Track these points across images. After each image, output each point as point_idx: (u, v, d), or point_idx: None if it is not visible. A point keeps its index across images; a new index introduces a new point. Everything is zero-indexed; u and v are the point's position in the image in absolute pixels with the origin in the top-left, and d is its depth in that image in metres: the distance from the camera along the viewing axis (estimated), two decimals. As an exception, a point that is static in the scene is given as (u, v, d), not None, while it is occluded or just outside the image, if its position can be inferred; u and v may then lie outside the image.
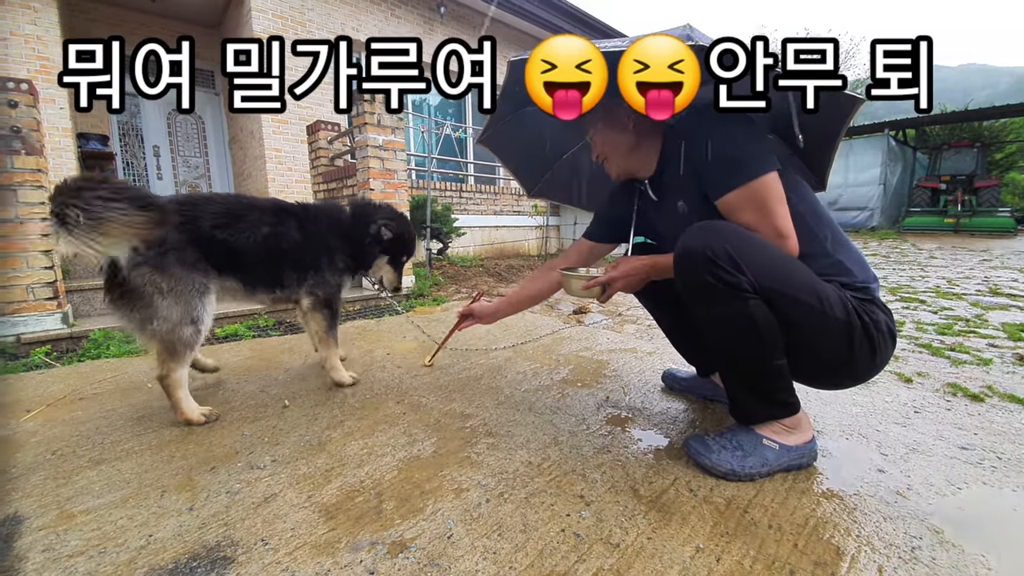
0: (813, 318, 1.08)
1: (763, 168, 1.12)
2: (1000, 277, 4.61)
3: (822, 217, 1.23)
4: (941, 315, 3.02)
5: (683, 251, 1.13)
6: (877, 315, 1.13)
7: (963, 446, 1.35)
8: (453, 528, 1.00)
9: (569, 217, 7.50)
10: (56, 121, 4.66)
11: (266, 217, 1.67)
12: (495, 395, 1.75)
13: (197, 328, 1.49)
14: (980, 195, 11.10)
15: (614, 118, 1.32)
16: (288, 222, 1.72)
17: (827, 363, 1.17)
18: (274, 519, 1.03)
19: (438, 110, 8.22)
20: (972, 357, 2.14)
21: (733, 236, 1.09)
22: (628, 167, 1.40)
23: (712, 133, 1.18)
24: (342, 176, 4.31)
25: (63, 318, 2.47)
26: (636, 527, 1.00)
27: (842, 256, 1.19)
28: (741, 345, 1.13)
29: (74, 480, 1.20)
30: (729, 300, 1.08)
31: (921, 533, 0.98)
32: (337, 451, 1.34)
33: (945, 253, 7.12)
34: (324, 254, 1.80)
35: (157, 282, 1.42)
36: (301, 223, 1.75)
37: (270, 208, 1.72)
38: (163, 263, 1.43)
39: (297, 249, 1.72)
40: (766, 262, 1.08)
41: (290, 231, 1.71)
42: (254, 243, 1.62)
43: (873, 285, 1.19)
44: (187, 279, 1.47)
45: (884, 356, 1.16)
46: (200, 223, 1.52)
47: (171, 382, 1.50)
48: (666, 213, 1.39)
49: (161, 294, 1.43)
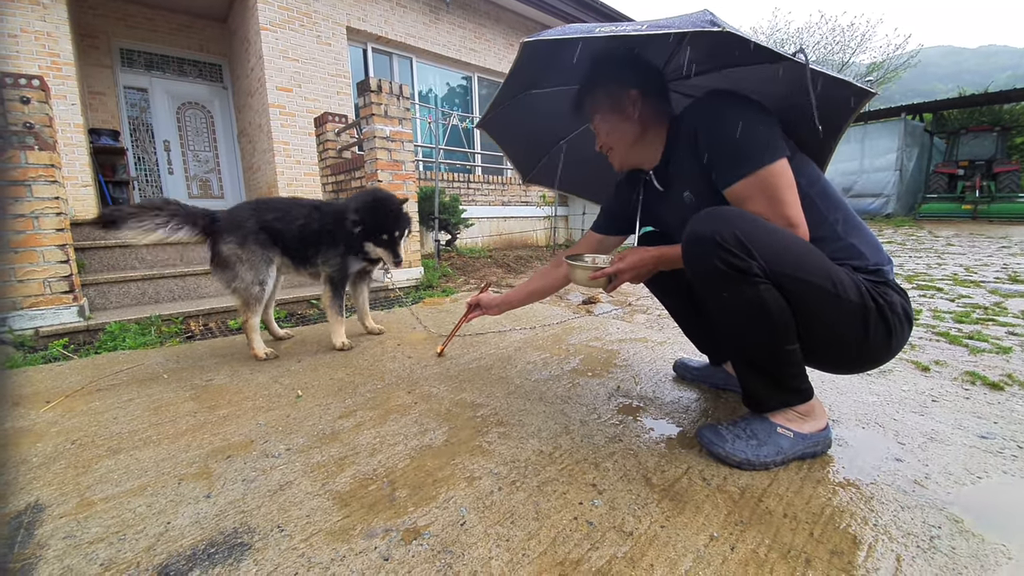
0: (827, 301, 1.06)
1: (772, 155, 1.08)
2: (1020, 264, 4.50)
3: (832, 199, 1.19)
4: (959, 303, 2.96)
5: (691, 237, 1.11)
6: (891, 296, 1.10)
7: (983, 435, 1.32)
8: (466, 516, 1.00)
9: (578, 207, 7.44)
10: (68, 117, 4.70)
11: (302, 212, 2.20)
12: (505, 385, 1.75)
13: (263, 288, 2.10)
14: (999, 180, 10.81)
15: (619, 106, 1.30)
16: (312, 216, 2.20)
17: (842, 346, 1.14)
18: (289, 506, 1.05)
19: (445, 100, 8.16)
20: (991, 345, 2.09)
21: (741, 221, 1.07)
22: (633, 157, 1.38)
23: (718, 120, 1.15)
24: (350, 168, 4.31)
25: (79, 311, 2.51)
26: (649, 515, 1.00)
27: (854, 239, 1.16)
28: (752, 331, 1.11)
29: (93, 469, 1.22)
30: (739, 285, 1.06)
31: (940, 522, 0.97)
32: (350, 440, 1.35)
33: (963, 240, 6.96)
34: (329, 241, 2.22)
35: (239, 254, 2.06)
36: (320, 216, 2.21)
37: (306, 205, 2.25)
38: (244, 242, 2.07)
39: (315, 236, 2.20)
40: (776, 246, 1.06)
41: (312, 223, 2.19)
42: (294, 230, 2.16)
43: (887, 267, 1.15)
44: (258, 253, 2.10)
45: (900, 338, 1.13)
46: (265, 215, 2.14)
47: (247, 327, 2.12)
48: (672, 204, 1.36)
49: (241, 263, 2.06)
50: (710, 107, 1.18)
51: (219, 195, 7.17)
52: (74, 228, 3.22)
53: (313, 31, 5.94)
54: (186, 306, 2.89)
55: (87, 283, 2.79)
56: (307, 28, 5.88)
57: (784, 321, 1.08)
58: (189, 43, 6.64)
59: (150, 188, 6.62)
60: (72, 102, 4.74)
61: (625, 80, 1.28)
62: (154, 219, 1.94)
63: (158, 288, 3.06)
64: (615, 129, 1.33)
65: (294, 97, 5.81)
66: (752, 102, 1.15)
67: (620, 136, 1.33)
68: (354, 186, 4.24)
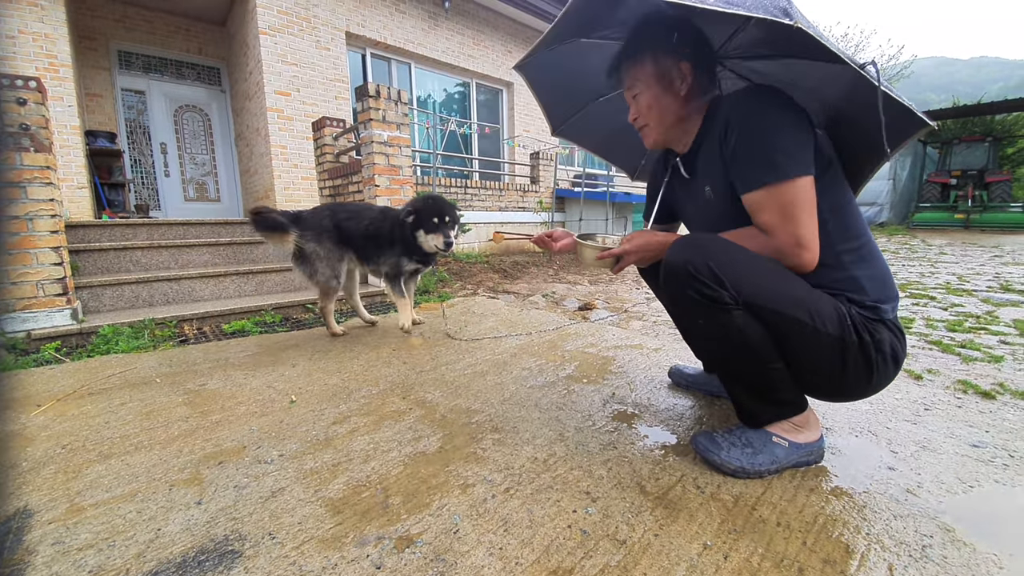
0: (802, 332, 1.06)
1: (796, 170, 1.04)
2: (1011, 273, 4.54)
3: (851, 229, 1.14)
4: (951, 311, 2.98)
5: (666, 266, 1.12)
6: (881, 335, 1.09)
7: (975, 444, 1.33)
8: (459, 523, 1.00)
9: (575, 213, 7.47)
10: (64, 119, 4.68)
11: (370, 214, 2.54)
12: (500, 391, 1.74)
13: (338, 280, 2.51)
14: (991, 190, 10.94)
15: (666, 77, 1.21)
16: (378, 218, 2.52)
17: (819, 376, 1.14)
18: (281, 513, 1.04)
19: (443, 106, 8.20)
20: (983, 354, 2.11)
21: (716, 251, 1.07)
22: (668, 137, 1.30)
23: (752, 121, 1.09)
24: (347, 172, 4.31)
25: (72, 314, 2.49)
26: (643, 523, 0.99)
27: (860, 271, 1.12)
28: (734, 354, 1.13)
29: (84, 474, 1.21)
30: (714, 313, 1.08)
31: (932, 531, 0.97)
32: (343, 446, 1.34)
33: (955, 249, 7.03)
34: (388, 240, 2.48)
35: (318, 251, 2.44)
36: (384, 219, 2.51)
37: (376, 209, 2.61)
38: (321, 240, 2.45)
39: (378, 236, 2.49)
40: (751, 276, 1.06)
41: (375, 224, 2.51)
42: (361, 230, 2.49)
43: (886, 305, 1.12)
44: (333, 249, 2.48)
45: (882, 377, 1.12)
46: (339, 217, 2.51)
47: (324, 311, 2.57)
48: (694, 194, 1.32)
49: (319, 259, 2.44)
50: (748, 105, 1.12)
51: (215, 198, 7.15)
52: (69, 230, 3.20)
53: (312, 36, 5.96)
54: (180, 310, 2.87)
55: (81, 285, 2.77)
56: (306, 33, 5.90)
57: (763, 344, 1.09)
58: (188, 46, 6.64)
59: (146, 191, 6.60)
60: (69, 104, 4.73)
61: (680, 51, 1.19)
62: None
63: (152, 291, 3.04)
64: (657, 103, 1.24)
65: (292, 101, 5.82)
66: (792, 110, 1.09)
67: (661, 112, 1.25)
68: (351, 190, 4.24)
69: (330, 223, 2.47)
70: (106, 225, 3.63)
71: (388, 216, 2.52)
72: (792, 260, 1.08)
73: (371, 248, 2.51)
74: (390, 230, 2.46)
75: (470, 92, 8.42)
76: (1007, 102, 11.20)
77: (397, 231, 2.43)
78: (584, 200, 7.30)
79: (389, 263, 2.50)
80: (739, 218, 1.15)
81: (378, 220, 2.50)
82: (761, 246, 1.09)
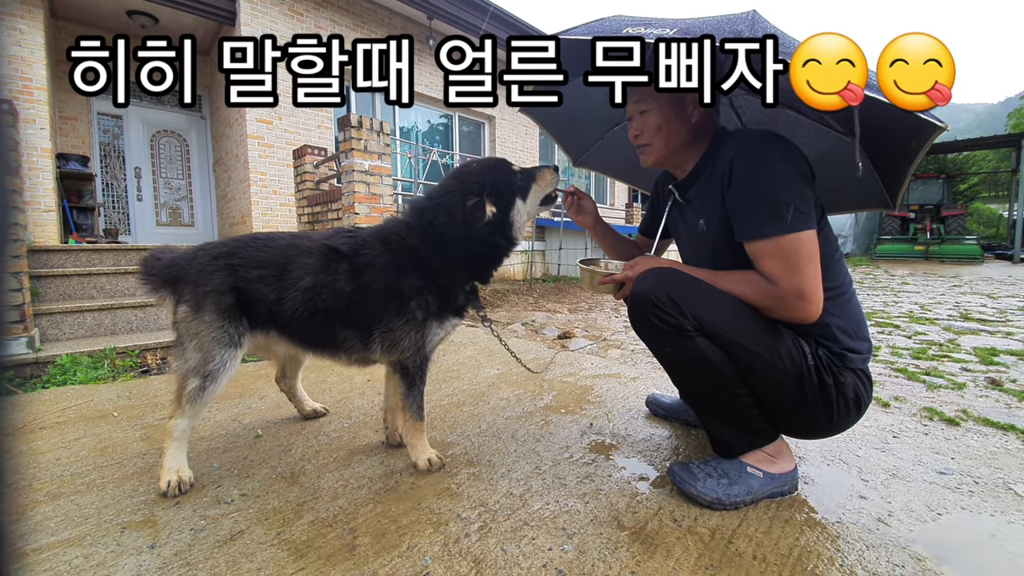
0: (758, 363, 1.10)
1: (801, 224, 1.05)
2: (970, 303, 4.76)
3: (835, 279, 1.16)
4: (915, 340, 3.09)
5: (632, 297, 1.17)
6: (845, 378, 1.12)
7: (941, 471, 1.36)
8: (430, 565, 0.96)
9: (554, 243, 7.57)
10: (36, 141, 4.58)
11: (347, 247, 1.86)
12: (477, 423, 1.71)
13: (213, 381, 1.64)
14: (948, 223, 11.58)
15: (679, 103, 1.22)
16: (358, 250, 1.90)
17: (777, 412, 1.17)
18: (239, 558, 0.98)
19: (426, 136, 8.33)
20: (946, 381, 2.18)
21: (678, 283, 1.12)
22: (668, 161, 1.32)
23: (757, 170, 1.09)
24: (327, 200, 4.30)
25: (29, 342, 2.37)
26: (619, 561, 0.97)
27: (833, 319, 1.14)
28: (701, 380, 1.16)
29: (28, 516, 1.12)
30: (677, 339, 1.12)
31: (903, 561, 0.98)
32: (311, 483, 1.28)
33: (917, 279, 7.34)
34: (394, 286, 1.85)
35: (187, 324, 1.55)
36: (381, 247, 1.99)
37: (354, 238, 2.04)
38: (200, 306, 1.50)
39: (366, 287, 1.92)
40: (710, 306, 1.10)
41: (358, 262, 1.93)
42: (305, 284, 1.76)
43: (855, 356, 1.15)
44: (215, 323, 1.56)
45: (842, 420, 1.16)
46: (241, 264, 1.53)
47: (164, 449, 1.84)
48: (688, 223, 1.35)
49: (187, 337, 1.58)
50: (755, 151, 1.13)
51: (189, 223, 7.01)
52: (31, 255, 3.08)
53: (296, 66, 6.03)
54: (144, 338, 2.76)
55: (40, 312, 2.65)
56: (290, 63, 5.97)
57: (728, 371, 1.12)
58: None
59: (116, 214, 6.43)
60: (41, 126, 4.64)
61: None
62: None
63: (115, 319, 2.93)
64: (667, 125, 1.25)
65: (274, 129, 5.83)
66: (796, 159, 1.11)
67: (668, 135, 1.26)
68: (330, 218, 4.22)
69: (220, 278, 1.30)
70: (71, 250, 3.51)
71: (388, 239, 1.38)
72: (793, 311, 1.08)
73: (343, 315, 1.33)
74: (398, 263, 1.35)
75: (453, 124, 8.59)
76: (958, 142, 12.05)
77: (430, 252, 1.34)
78: (563, 230, 7.42)
79: (409, 336, 1.34)
80: (730, 254, 1.17)
81: (359, 254, 1.37)
82: (763, 293, 1.10)
